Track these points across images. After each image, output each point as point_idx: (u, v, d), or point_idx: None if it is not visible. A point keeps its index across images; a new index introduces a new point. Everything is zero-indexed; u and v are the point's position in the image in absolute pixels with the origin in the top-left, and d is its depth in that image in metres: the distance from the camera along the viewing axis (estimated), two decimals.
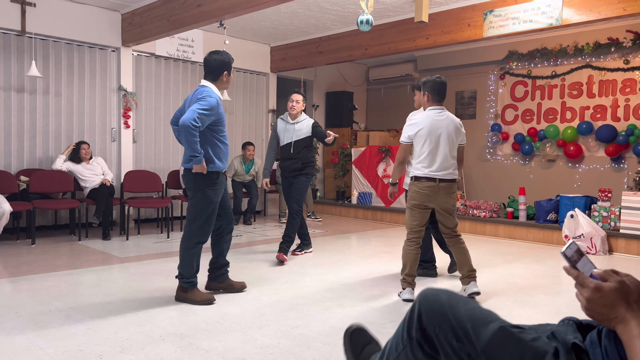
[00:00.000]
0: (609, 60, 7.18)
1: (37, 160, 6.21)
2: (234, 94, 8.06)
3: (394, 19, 6.64)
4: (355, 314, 3.22)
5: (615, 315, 0.98)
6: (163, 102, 7.33)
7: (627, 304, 0.97)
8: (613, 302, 0.98)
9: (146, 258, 4.84)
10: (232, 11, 5.15)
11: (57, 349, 2.55)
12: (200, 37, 7.54)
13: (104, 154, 6.70)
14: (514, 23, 5.48)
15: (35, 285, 3.77)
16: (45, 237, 5.81)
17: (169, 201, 6.19)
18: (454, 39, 6.05)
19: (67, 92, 6.41)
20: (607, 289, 0.98)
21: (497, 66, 8.39)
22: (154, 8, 6.07)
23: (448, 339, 1.30)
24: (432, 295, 1.38)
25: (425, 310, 1.36)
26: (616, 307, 0.98)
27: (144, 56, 7.11)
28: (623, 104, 7.07)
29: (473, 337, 1.24)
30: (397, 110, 9.92)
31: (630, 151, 6.99)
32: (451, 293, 1.39)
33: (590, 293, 1.00)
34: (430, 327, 1.34)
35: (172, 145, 7.44)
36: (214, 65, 3.40)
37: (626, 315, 0.97)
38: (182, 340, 2.71)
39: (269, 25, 7.35)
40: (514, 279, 4.25)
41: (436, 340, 1.33)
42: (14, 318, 3.01)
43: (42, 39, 6.17)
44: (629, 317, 0.96)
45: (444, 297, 1.36)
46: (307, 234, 5.14)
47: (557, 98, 7.74)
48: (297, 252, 5.08)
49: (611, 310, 0.98)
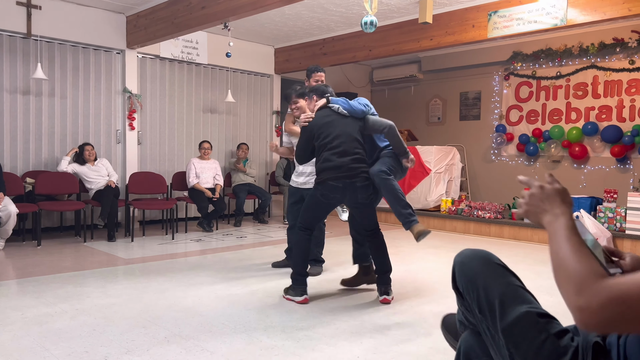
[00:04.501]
0: (614, 61, 7.16)
1: (43, 162, 6.23)
2: (238, 95, 8.07)
3: (398, 20, 6.63)
4: (361, 316, 3.22)
5: (549, 208, 1.06)
6: (168, 104, 7.36)
7: (563, 201, 1.06)
8: (550, 197, 1.07)
9: (151, 259, 4.85)
10: (237, 13, 5.16)
11: (63, 351, 2.56)
12: (205, 39, 7.56)
13: (109, 156, 6.73)
14: (519, 24, 5.47)
15: (40, 286, 3.78)
16: (50, 239, 5.84)
17: (173, 203, 6.21)
18: (458, 39, 6.04)
19: (72, 94, 6.44)
20: (550, 187, 1.09)
21: (502, 67, 8.37)
22: (158, 10, 6.10)
23: (472, 306, 1.32)
24: (467, 258, 1.39)
25: (458, 272, 1.38)
26: (552, 202, 1.06)
27: (149, 58, 7.13)
28: (628, 105, 7.04)
29: (498, 314, 1.23)
30: (401, 111, 9.92)
31: (636, 152, 6.95)
32: (488, 259, 1.36)
33: (535, 189, 1.10)
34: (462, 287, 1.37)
35: (177, 146, 7.46)
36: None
37: (558, 209, 1.04)
38: (187, 341, 2.71)
39: (273, 27, 7.36)
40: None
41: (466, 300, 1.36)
42: (19, 320, 3.03)
43: (48, 42, 6.20)
44: (560, 212, 1.04)
45: (478, 263, 1.35)
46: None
47: (562, 99, 7.71)
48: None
49: (547, 203, 1.07)
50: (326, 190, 3.38)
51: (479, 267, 1.34)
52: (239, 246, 5.61)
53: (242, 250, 5.33)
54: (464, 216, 6.84)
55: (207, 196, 6.62)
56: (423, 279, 4.21)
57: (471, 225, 6.79)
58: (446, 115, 9.38)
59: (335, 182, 3.35)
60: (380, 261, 3.57)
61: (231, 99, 7.36)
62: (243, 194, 7.21)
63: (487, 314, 1.26)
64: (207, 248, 5.51)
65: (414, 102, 9.85)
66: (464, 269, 1.36)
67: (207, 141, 7.06)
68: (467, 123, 9.00)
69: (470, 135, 8.90)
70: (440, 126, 9.44)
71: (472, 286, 1.31)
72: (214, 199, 6.66)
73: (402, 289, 3.89)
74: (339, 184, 3.36)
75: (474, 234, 6.73)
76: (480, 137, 8.71)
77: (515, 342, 1.18)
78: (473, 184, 8.73)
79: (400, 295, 3.73)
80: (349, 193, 3.40)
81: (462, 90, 9.06)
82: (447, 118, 9.36)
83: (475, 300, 1.30)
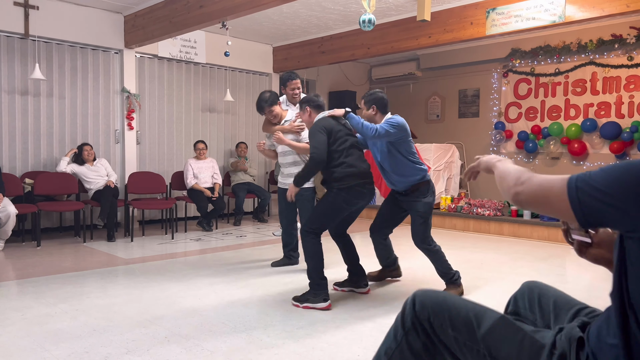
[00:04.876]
0: (612, 57, 7.15)
1: (42, 163, 6.23)
2: (236, 94, 8.06)
3: (396, 18, 6.63)
4: (360, 313, 3.22)
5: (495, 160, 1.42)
6: (166, 104, 7.35)
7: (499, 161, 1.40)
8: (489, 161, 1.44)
9: (151, 259, 4.85)
10: (235, 12, 5.15)
11: (63, 351, 2.56)
12: (203, 38, 7.55)
13: (108, 156, 6.72)
14: (517, 21, 5.46)
15: (40, 287, 3.78)
16: (50, 239, 5.84)
17: (173, 202, 6.21)
18: (456, 37, 6.03)
19: (70, 95, 6.43)
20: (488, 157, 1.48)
21: (500, 64, 8.37)
22: (156, 10, 6.09)
23: (444, 327, 1.34)
24: (428, 290, 1.45)
25: (420, 299, 1.40)
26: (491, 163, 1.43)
27: (147, 58, 7.12)
28: (627, 101, 7.04)
29: (475, 325, 1.28)
30: (400, 109, 9.90)
31: (635, 148, 6.96)
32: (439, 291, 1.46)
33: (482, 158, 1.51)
34: (424, 315, 1.37)
35: (176, 146, 7.46)
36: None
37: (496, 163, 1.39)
38: (187, 341, 2.71)
39: (271, 26, 7.35)
40: (519, 277, 4.23)
41: (430, 330, 1.37)
42: (19, 320, 3.03)
43: (46, 42, 6.19)
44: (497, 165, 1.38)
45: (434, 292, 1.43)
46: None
47: (560, 95, 7.71)
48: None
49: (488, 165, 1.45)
50: (351, 196, 3.35)
51: (439, 294, 1.42)
52: (239, 245, 5.61)
53: (242, 250, 5.33)
54: (463, 214, 6.84)
55: (206, 195, 6.62)
56: (424, 276, 4.21)
57: (471, 222, 6.80)
58: (445, 113, 9.38)
59: (362, 189, 3.36)
60: (355, 256, 3.74)
61: (230, 98, 7.35)
62: (242, 193, 7.21)
63: (463, 328, 1.30)
64: (206, 247, 5.51)
65: (413, 99, 9.85)
66: (429, 294, 1.41)
67: (202, 141, 7.03)
68: (466, 120, 9.00)
69: (469, 133, 8.90)
70: (439, 124, 9.44)
71: (441, 307, 1.36)
72: (213, 199, 6.65)
73: (402, 287, 3.89)
74: (365, 190, 3.37)
75: (474, 232, 6.73)
76: (479, 135, 8.71)
77: (496, 346, 1.22)
78: (472, 182, 8.72)
79: (400, 293, 3.74)
80: (368, 199, 3.44)
81: (460, 88, 9.06)
82: (446, 115, 9.36)
83: (447, 319, 1.33)
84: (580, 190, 0.99)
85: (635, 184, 0.93)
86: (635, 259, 0.98)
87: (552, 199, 1.04)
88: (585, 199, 0.98)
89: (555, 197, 1.03)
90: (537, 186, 1.09)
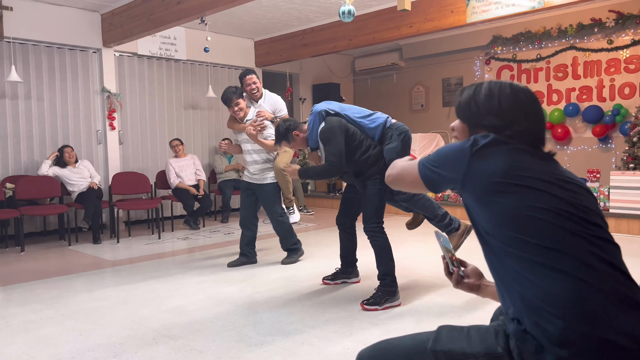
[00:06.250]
0: (592, 41, 7.20)
1: (23, 167, 6.12)
2: (219, 90, 7.97)
3: (377, 8, 6.60)
4: (350, 307, 3.21)
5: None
6: (148, 102, 7.26)
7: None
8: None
9: (138, 260, 4.80)
10: (213, 7, 5.08)
11: (50, 357, 2.52)
12: (183, 35, 7.46)
13: (91, 157, 6.62)
14: (497, 7, 5.46)
15: (25, 293, 3.72)
16: (34, 244, 5.75)
17: (158, 202, 6.14)
18: (437, 26, 6.02)
19: (49, 96, 6.32)
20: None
21: (482, 51, 8.39)
22: (133, 7, 5.99)
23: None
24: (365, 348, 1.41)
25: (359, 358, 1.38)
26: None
27: (126, 56, 7.02)
28: (608, 84, 7.10)
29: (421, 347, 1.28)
30: (384, 100, 9.90)
31: (617, 131, 7.03)
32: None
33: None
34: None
35: (160, 145, 7.37)
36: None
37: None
38: (175, 342, 2.69)
39: (251, 20, 7.28)
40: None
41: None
42: (4, 328, 2.97)
43: (21, 43, 6.06)
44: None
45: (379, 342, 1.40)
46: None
47: (542, 81, 7.75)
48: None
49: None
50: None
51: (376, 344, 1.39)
52: (227, 242, 5.58)
53: (230, 247, 5.30)
54: (450, 202, 6.87)
55: (191, 193, 6.56)
56: (411, 267, 4.22)
57: (458, 211, 6.82)
58: (429, 102, 9.39)
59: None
60: (355, 247, 3.76)
61: (212, 94, 7.27)
62: (229, 190, 7.16)
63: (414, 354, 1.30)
64: (194, 246, 5.47)
65: (397, 90, 9.84)
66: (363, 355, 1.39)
67: (177, 138, 6.95)
68: (451, 109, 9.02)
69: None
70: (424, 113, 9.45)
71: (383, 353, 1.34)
72: (198, 196, 6.60)
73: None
74: None
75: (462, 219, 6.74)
76: None
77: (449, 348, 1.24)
78: None
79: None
80: None
81: (444, 77, 9.07)
82: (430, 105, 9.37)
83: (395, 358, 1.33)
84: (423, 165, 1.37)
85: (451, 155, 1.32)
86: (483, 232, 1.25)
87: (410, 177, 1.41)
88: (427, 172, 1.35)
89: (411, 175, 1.39)
90: (400, 169, 1.44)
